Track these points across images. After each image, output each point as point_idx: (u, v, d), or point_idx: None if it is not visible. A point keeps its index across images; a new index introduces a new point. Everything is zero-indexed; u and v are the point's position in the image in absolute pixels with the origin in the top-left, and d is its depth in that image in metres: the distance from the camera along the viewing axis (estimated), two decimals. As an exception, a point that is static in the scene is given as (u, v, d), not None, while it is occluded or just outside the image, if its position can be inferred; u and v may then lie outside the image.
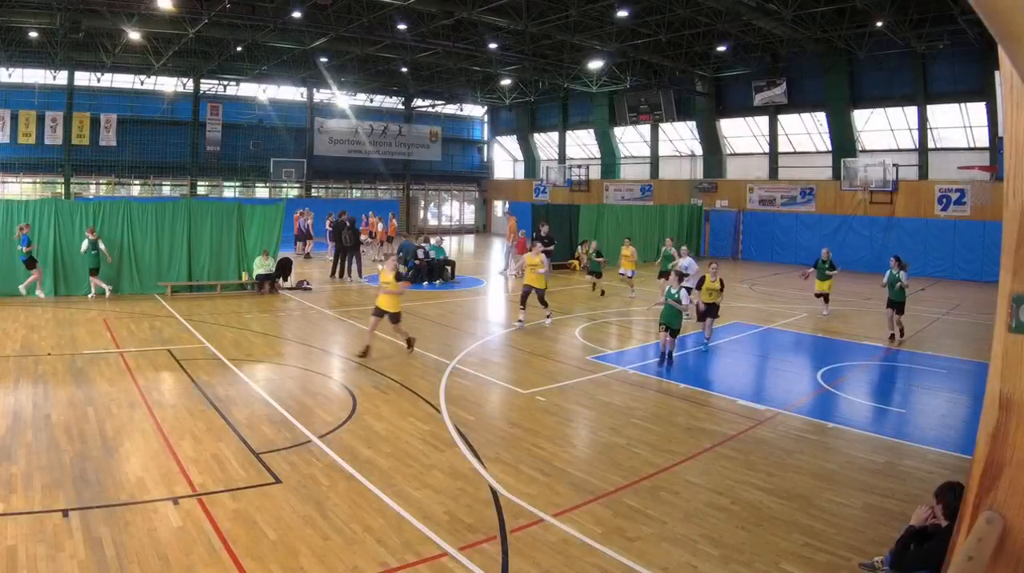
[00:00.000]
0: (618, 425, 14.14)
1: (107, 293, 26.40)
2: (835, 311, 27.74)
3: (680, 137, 58.52)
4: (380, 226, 44.25)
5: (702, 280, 21.24)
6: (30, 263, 25.31)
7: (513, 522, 9.86)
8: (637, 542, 9.41)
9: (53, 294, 26.04)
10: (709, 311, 21.23)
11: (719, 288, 21.36)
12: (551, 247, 29.54)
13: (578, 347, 21.44)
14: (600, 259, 31.32)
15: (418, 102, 70.50)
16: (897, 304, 22.62)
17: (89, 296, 26.23)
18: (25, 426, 12.80)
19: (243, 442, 12.55)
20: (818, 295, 27.41)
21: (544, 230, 30.84)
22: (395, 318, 19.28)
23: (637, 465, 12.10)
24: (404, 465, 11.82)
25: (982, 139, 41.60)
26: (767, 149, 52.31)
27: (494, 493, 10.68)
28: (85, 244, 25.60)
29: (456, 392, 16.26)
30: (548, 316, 24.14)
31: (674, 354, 19.25)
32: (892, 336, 22.83)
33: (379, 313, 19.16)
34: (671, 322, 18.64)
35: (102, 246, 26.03)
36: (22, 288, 25.24)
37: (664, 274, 28.28)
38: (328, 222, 40.00)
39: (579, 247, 40.39)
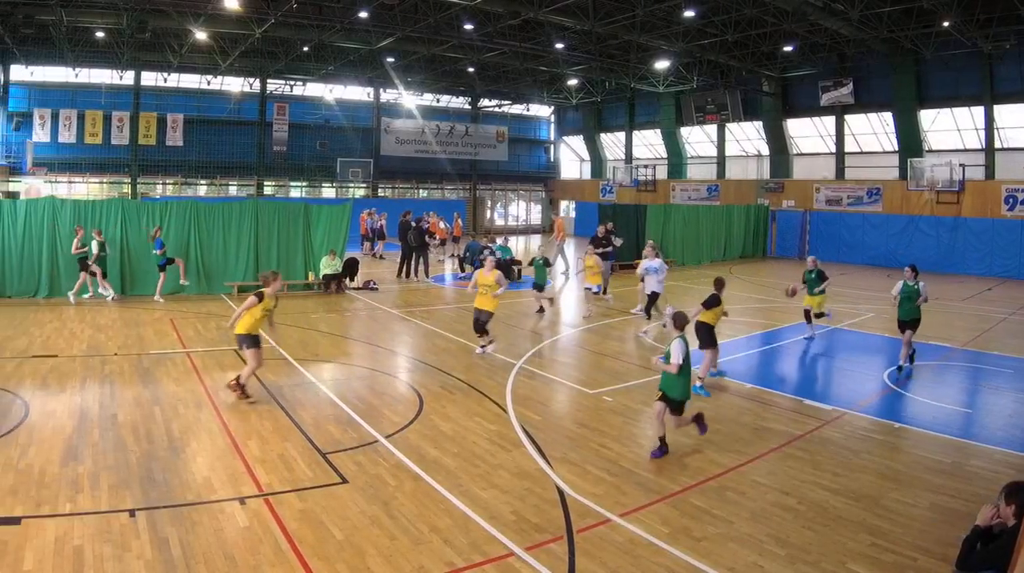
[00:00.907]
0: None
1: (111, 297, 26.07)
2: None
3: (747, 137, 58.21)
4: (442, 225, 44.31)
5: (713, 300, 17.28)
6: (165, 266, 25.84)
7: (580, 522, 9.85)
8: (703, 542, 9.42)
9: (120, 294, 26.32)
10: (705, 339, 17.20)
11: (723, 312, 17.73)
12: (608, 248, 29.00)
13: (645, 347, 21.37)
14: (548, 268, 29.13)
15: (485, 102, 70.49)
16: (912, 322, 18.64)
17: (86, 296, 26.03)
18: (92, 426, 12.95)
19: (310, 442, 12.59)
20: (806, 312, 22.42)
21: (601, 230, 30.25)
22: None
23: (704, 465, 12.13)
24: (471, 465, 11.83)
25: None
26: (833, 149, 52.09)
27: (561, 493, 10.64)
28: (94, 246, 25.37)
29: (523, 392, 16.24)
30: (483, 346, 20.03)
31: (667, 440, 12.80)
32: (900, 367, 18.77)
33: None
34: (669, 390, 12.51)
35: (107, 250, 26.16)
36: (158, 297, 26.14)
37: (538, 287, 25.92)
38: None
39: (646, 247, 40.07)
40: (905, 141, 46.44)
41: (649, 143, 66.51)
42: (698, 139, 62.10)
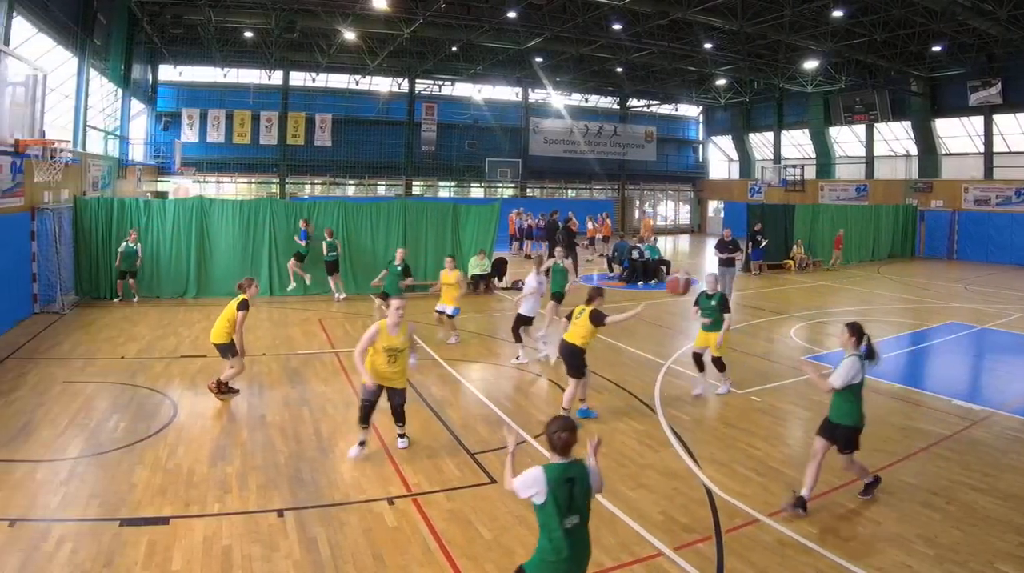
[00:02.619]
0: None
1: (135, 298, 26.12)
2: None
3: (895, 137, 57.32)
4: (590, 225, 44.24)
5: (598, 318, 14.00)
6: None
7: (728, 522, 9.91)
8: (852, 542, 9.46)
9: (268, 294, 26.77)
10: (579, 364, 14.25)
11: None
12: (735, 254, 28.01)
13: (793, 347, 21.28)
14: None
15: (633, 102, 70.18)
16: None
17: (116, 300, 25.99)
18: (240, 426, 13.25)
19: (458, 442, 12.65)
20: (696, 356, 16.46)
21: (727, 234, 29.03)
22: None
23: None
24: (619, 465, 11.81)
25: None
26: (982, 149, 51.05)
27: (709, 493, 10.60)
28: (124, 246, 25.54)
29: (671, 392, 16.17)
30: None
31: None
32: None
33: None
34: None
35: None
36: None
37: (557, 296, 21.23)
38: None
39: (794, 247, 39.60)
40: (1055, 141, 45.08)
41: (797, 143, 65.71)
42: (846, 139, 61.41)
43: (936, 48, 44.73)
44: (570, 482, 6.63)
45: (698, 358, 16.30)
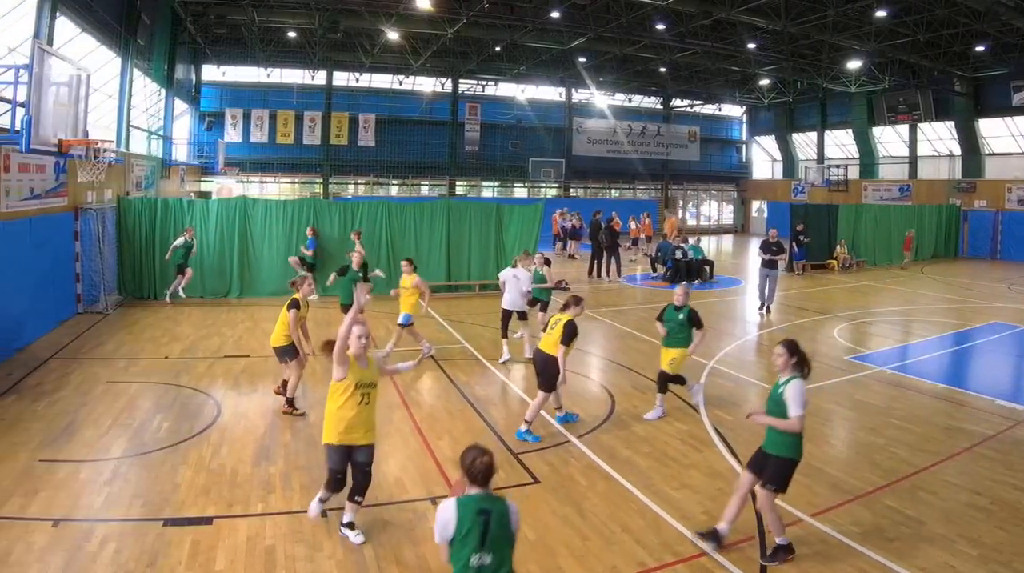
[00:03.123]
0: (876, 425, 14.16)
1: (182, 295, 26.02)
2: None
3: (939, 137, 57.13)
4: (632, 225, 44.21)
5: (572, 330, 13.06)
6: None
7: None
8: (895, 542, 9.43)
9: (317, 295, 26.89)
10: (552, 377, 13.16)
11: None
12: (779, 256, 27.41)
13: (836, 347, 21.29)
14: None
15: (677, 102, 70.10)
16: None
17: (168, 300, 25.85)
18: (284, 427, 13.33)
19: (501, 442, 12.65)
20: (662, 375, 14.57)
21: (773, 234, 28.64)
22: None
23: (895, 465, 12.10)
24: (662, 465, 11.85)
25: None
26: (1026, 149, 50.41)
27: (752, 493, 10.30)
28: (180, 240, 25.42)
29: (714, 392, 16.08)
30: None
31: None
32: None
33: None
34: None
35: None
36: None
37: (538, 303, 20.50)
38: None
39: (837, 247, 39.43)
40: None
41: (841, 143, 65.47)
42: (890, 139, 61.25)
43: (979, 48, 44.46)
44: (484, 514, 5.95)
45: (662, 378, 14.43)
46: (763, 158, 75.65)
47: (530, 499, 10.42)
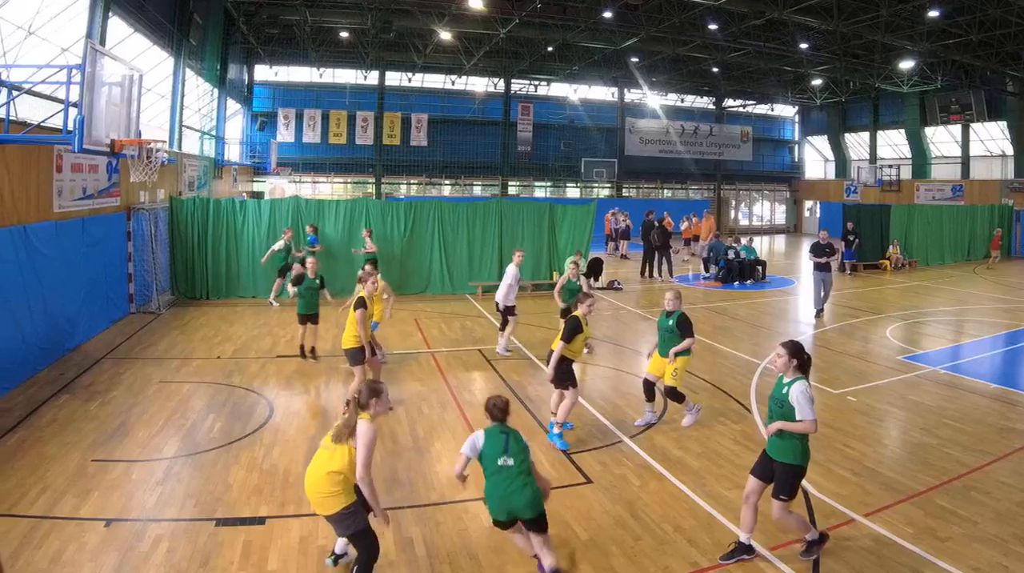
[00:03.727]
0: (929, 425, 14.07)
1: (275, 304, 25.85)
2: None
3: (991, 137, 56.64)
4: (685, 225, 44.12)
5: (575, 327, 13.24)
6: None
7: (824, 522, 9.81)
8: (948, 542, 9.38)
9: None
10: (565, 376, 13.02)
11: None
12: (832, 257, 26.76)
13: (889, 347, 21.14)
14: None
15: (729, 102, 69.96)
16: None
17: (273, 304, 25.74)
18: (336, 425, 13.16)
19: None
20: (647, 383, 13.92)
21: (823, 236, 27.65)
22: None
23: (948, 465, 12.04)
24: (715, 465, 11.84)
25: None
26: (1079, 148, 49.75)
27: (805, 493, 10.53)
28: (279, 244, 25.68)
29: (767, 392, 15.78)
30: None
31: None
32: None
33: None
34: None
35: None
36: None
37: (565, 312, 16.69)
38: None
39: (890, 247, 39.14)
40: None
41: (893, 143, 64.98)
42: (942, 139, 60.79)
43: (1032, 48, 43.84)
44: (505, 434, 8.41)
45: (649, 386, 13.80)
46: (815, 158, 75.25)
47: (582, 499, 10.45)
